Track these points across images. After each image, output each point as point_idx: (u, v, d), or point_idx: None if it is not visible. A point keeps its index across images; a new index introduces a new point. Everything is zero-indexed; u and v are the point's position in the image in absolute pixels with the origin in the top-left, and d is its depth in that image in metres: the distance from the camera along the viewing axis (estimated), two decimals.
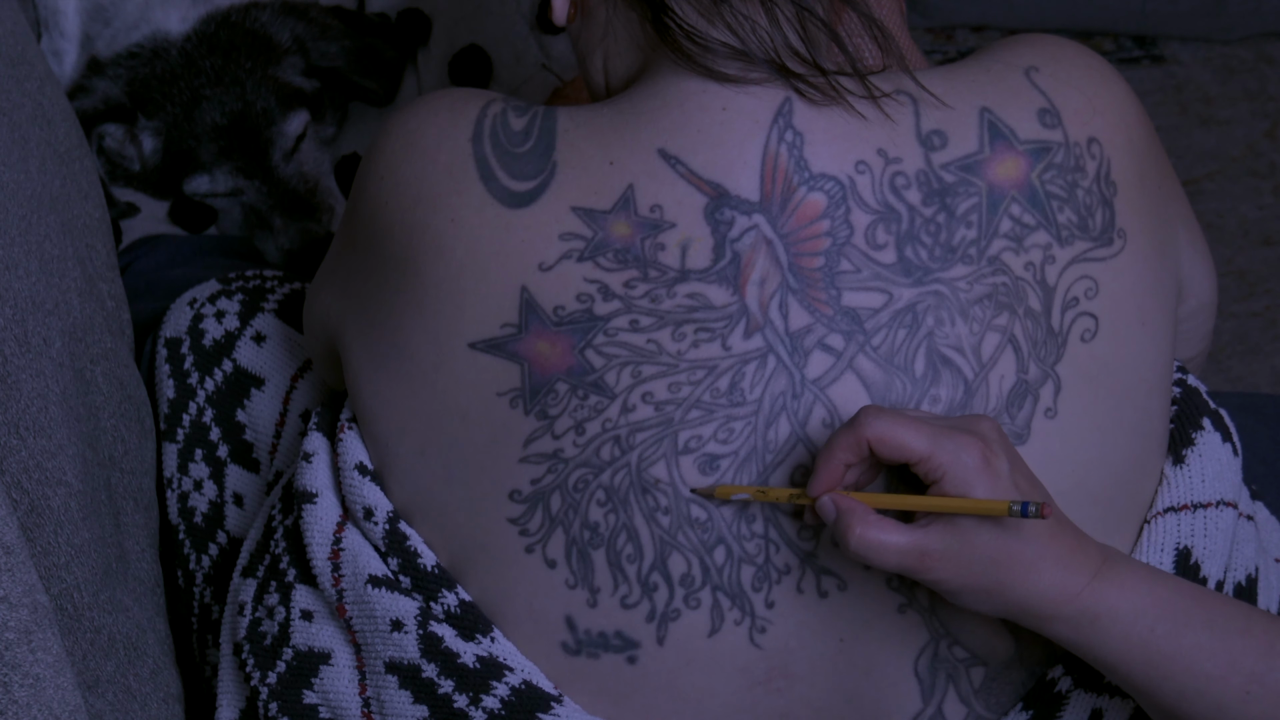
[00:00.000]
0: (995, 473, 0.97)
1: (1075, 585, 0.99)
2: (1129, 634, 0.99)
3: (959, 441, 0.96)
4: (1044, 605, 0.99)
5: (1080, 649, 1.01)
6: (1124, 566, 1.01)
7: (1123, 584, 1.00)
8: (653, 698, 1.05)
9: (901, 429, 0.97)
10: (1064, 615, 0.99)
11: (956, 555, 0.97)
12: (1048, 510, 0.94)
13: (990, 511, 0.95)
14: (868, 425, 0.97)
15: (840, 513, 0.98)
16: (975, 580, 0.98)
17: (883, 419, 0.97)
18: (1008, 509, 0.95)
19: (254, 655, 1.15)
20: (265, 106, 1.66)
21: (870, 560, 0.97)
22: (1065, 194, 1.06)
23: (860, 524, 0.97)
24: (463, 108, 1.07)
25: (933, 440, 0.96)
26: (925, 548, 0.97)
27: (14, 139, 1.25)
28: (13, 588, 0.96)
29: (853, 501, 0.98)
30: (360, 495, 1.11)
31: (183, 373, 1.37)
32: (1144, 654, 0.99)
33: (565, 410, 1.03)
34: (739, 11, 1.04)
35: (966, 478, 0.96)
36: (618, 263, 1.03)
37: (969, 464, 0.96)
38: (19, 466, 1.11)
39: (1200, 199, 2.27)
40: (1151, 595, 1.00)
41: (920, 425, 0.97)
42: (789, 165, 1.04)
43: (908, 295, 1.04)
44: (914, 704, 1.06)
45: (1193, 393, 1.16)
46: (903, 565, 0.97)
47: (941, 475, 0.96)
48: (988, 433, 0.98)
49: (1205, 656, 0.99)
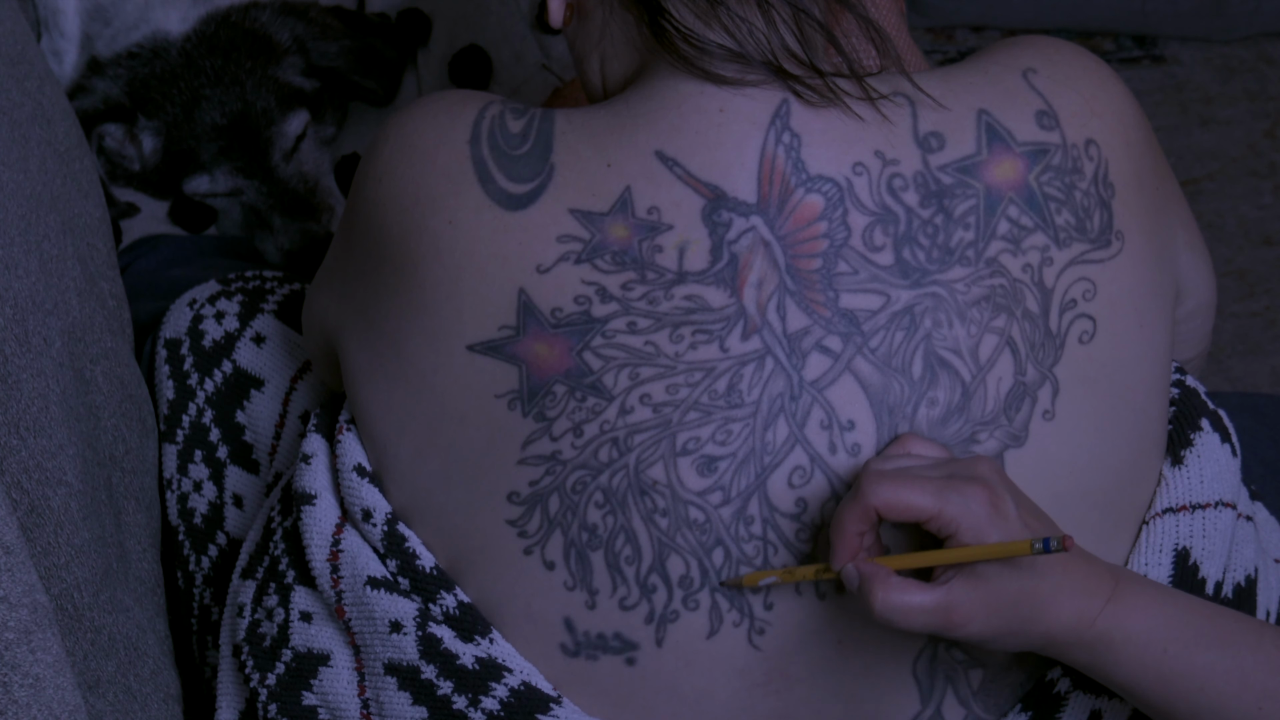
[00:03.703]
0: (1005, 516, 0.97)
1: (1091, 611, 0.99)
2: (1143, 656, 1.00)
3: (965, 493, 0.97)
4: (1065, 635, 0.99)
5: (1096, 672, 1.01)
6: (1136, 588, 1.01)
7: (1135, 606, 1.00)
8: (652, 699, 1.05)
9: (906, 491, 0.97)
10: (1083, 642, 1.00)
11: (981, 604, 0.97)
12: (1069, 543, 0.94)
13: (1013, 553, 0.95)
14: (872, 493, 0.97)
15: (863, 579, 0.98)
16: (1002, 624, 0.98)
17: (885, 484, 0.97)
18: (1030, 548, 0.95)
19: (253, 656, 1.15)
20: (265, 106, 1.66)
21: (898, 623, 0.97)
22: (1063, 196, 1.06)
23: (883, 588, 0.97)
24: (460, 110, 1.07)
25: (939, 497, 0.96)
26: (950, 603, 0.97)
27: (14, 138, 1.25)
28: (13, 588, 0.96)
29: (874, 566, 0.98)
30: (359, 497, 1.11)
31: (182, 373, 1.37)
32: (1158, 674, 1.00)
33: (563, 412, 1.03)
34: (735, 14, 1.04)
35: (979, 526, 0.96)
36: (615, 265, 1.03)
37: (979, 513, 0.96)
38: (19, 466, 1.11)
39: (1200, 199, 2.27)
40: (1163, 616, 1.00)
41: (924, 484, 0.97)
42: (786, 167, 1.04)
43: (905, 297, 1.04)
44: (912, 706, 1.06)
45: (1191, 393, 1.16)
46: (930, 624, 0.97)
47: (955, 530, 0.96)
48: (989, 476, 0.98)
49: (1218, 675, 1.00)
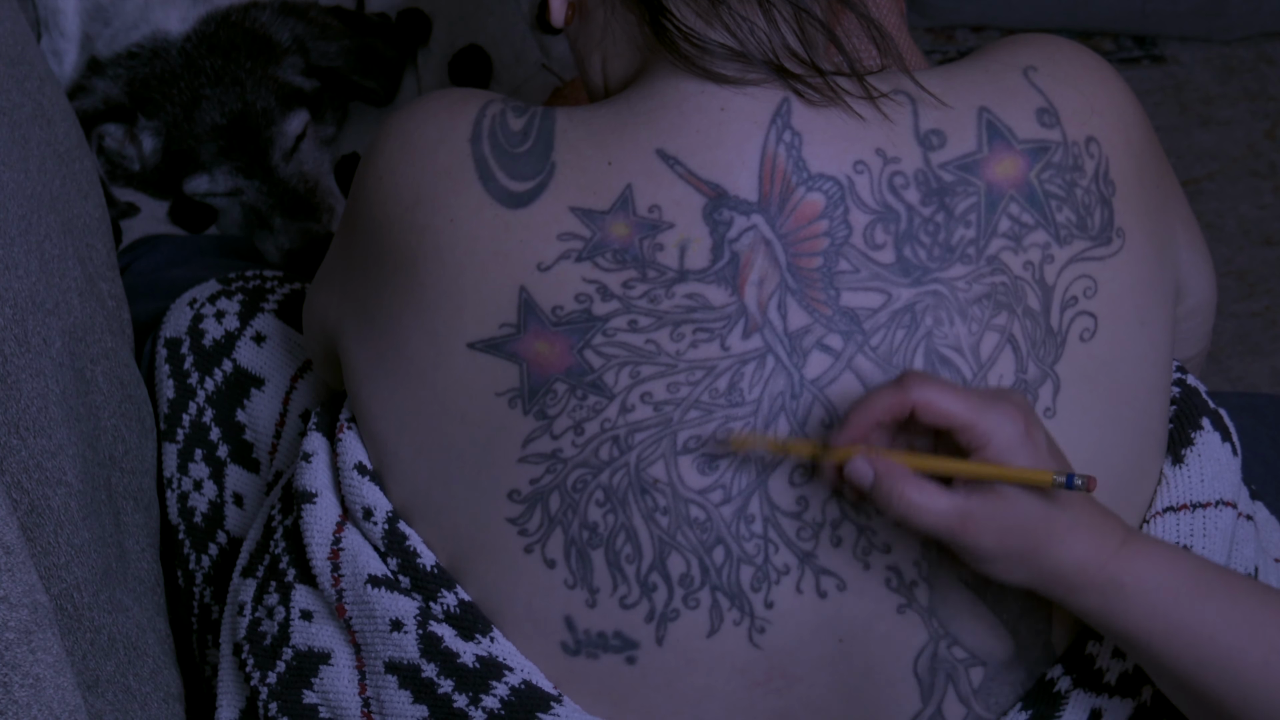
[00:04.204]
0: (1036, 444, 0.98)
1: (1104, 553, 1.00)
2: (1154, 603, 1.00)
3: (1002, 411, 0.97)
4: (1074, 573, 1.00)
5: (1104, 619, 1.01)
6: (1146, 539, 1.02)
7: (1147, 554, 1.01)
8: (652, 698, 1.05)
9: (947, 396, 0.97)
10: (1093, 584, 1.00)
11: (997, 521, 0.97)
12: (1093, 483, 0.96)
13: (1034, 482, 0.97)
14: (914, 389, 0.97)
15: (879, 474, 0.98)
16: (1011, 547, 0.98)
17: (929, 385, 0.98)
18: (1051, 480, 0.96)
19: (254, 655, 1.15)
20: (265, 106, 1.66)
21: (910, 521, 0.98)
22: (1064, 193, 1.06)
23: (903, 483, 0.97)
24: (461, 108, 1.07)
25: (977, 409, 0.97)
26: (968, 511, 0.97)
27: (14, 139, 1.25)
28: (13, 588, 0.96)
29: (891, 463, 0.98)
30: (359, 495, 1.11)
31: (183, 373, 1.37)
32: (1166, 624, 1.00)
33: (564, 410, 1.03)
34: (736, 13, 1.04)
35: (1010, 446, 0.97)
36: (616, 263, 1.03)
37: (1012, 434, 0.97)
38: (19, 466, 1.11)
39: (1200, 199, 2.27)
40: (1174, 566, 1.01)
41: (964, 393, 0.98)
42: (787, 165, 1.04)
43: (906, 295, 1.04)
44: (913, 704, 1.06)
45: (1192, 392, 1.16)
46: (942, 527, 0.98)
47: (985, 443, 0.97)
48: (1024, 405, 0.99)
49: (1227, 626, 1.00)
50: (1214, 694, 1.00)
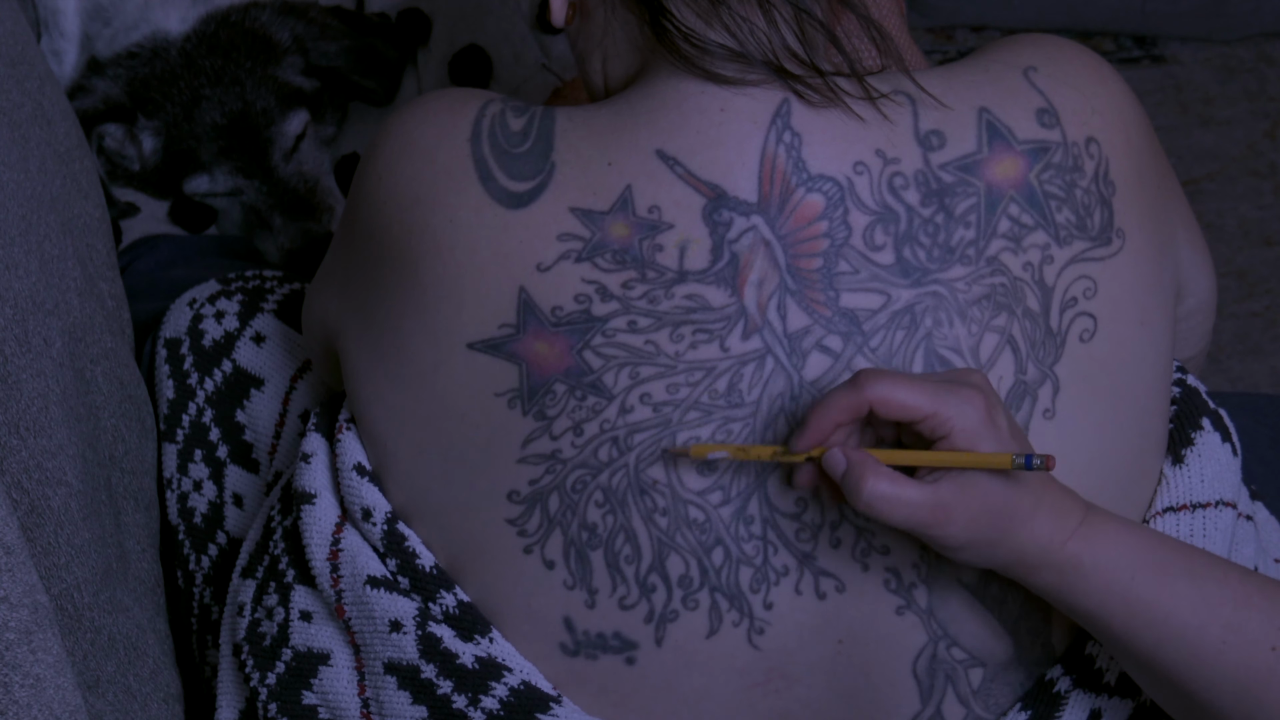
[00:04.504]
0: (997, 426, 0.98)
1: (1063, 534, 1.00)
2: (1110, 581, 1.00)
3: (962, 396, 0.97)
4: (1036, 554, 1.00)
5: (1063, 598, 1.01)
6: (1106, 516, 1.02)
7: (1105, 532, 1.01)
8: (651, 699, 1.05)
9: (904, 389, 0.97)
10: (1052, 563, 1.00)
11: (966, 508, 0.97)
12: (1051, 462, 0.96)
13: (994, 465, 0.97)
14: (870, 386, 0.97)
15: (851, 465, 0.98)
16: (980, 532, 0.98)
17: (884, 380, 0.97)
18: (1010, 462, 0.96)
19: (253, 656, 1.15)
20: (265, 106, 1.66)
21: (881, 514, 0.97)
22: (1064, 194, 1.06)
23: (873, 476, 0.97)
24: (461, 108, 1.07)
25: (936, 398, 0.97)
26: (938, 500, 0.97)
27: (14, 139, 1.25)
28: (13, 588, 0.96)
29: (863, 454, 0.98)
30: (359, 496, 1.11)
31: (182, 373, 1.37)
32: (1124, 602, 1.00)
33: (563, 411, 1.03)
34: (736, 13, 1.04)
35: (972, 431, 0.97)
36: (616, 263, 1.03)
37: (974, 418, 0.97)
38: (19, 466, 1.11)
39: (1200, 199, 2.27)
40: (1132, 543, 1.01)
41: (921, 384, 0.98)
42: (787, 166, 1.04)
43: (906, 296, 1.04)
44: (912, 705, 1.06)
45: (1192, 393, 1.16)
46: (914, 519, 0.97)
47: (948, 431, 0.97)
48: (984, 387, 0.99)
49: (1184, 605, 1.00)
50: (1174, 674, 1.00)
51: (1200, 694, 1.00)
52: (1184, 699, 1.01)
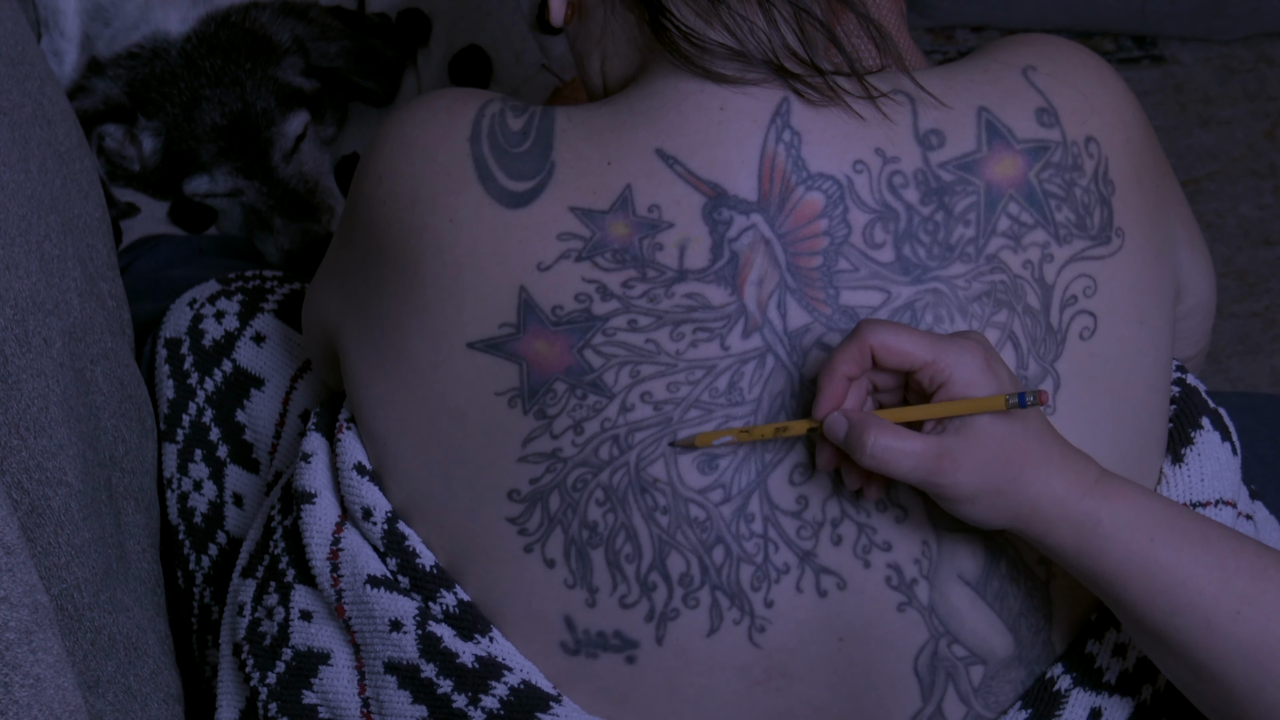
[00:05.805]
0: (997, 375, 0.98)
1: (1081, 487, 0.99)
2: (1130, 542, 1.00)
3: (961, 345, 0.98)
4: (1052, 506, 0.99)
5: (1080, 560, 1.01)
6: (1121, 480, 1.02)
7: (1123, 493, 1.00)
8: (652, 697, 1.05)
9: (904, 337, 0.98)
10: (1070, 518, 0.99)
11: (972, 455, 0.98)
12: (1044, 397, 0.96)
13: (990, 408, 0.97)
14: (870, 334, 0.98)
15: (852, 424, 0.98)
16: (990, 480, 0.98)
17: (885, 327, 0.98)
18: (1005, 403, 0.97)
19: (253, 655, 1.15)
20: (265, 107, 1.66)
21: (887, 468, 0.97)
22: (1063, 193, 1.06)
23: (875, 431, 0.97)
24: (461, 108, 1.07)
25: (935, 347, 0.98)
26: (942, 449, 0.97)
27: (14, 139, 1.25)
28: (13, 588, 0.96)
29: (865, 413, 0.99)
30: (359, 495, 1.11)
31: (182, 373, 1.37)
32: (1142, 565, 1.00)
33: (564, 410, 1.03)
34: (736, 13, 1.04)
35: (972, 379, 0.97)
36: (616, 263, 1.03)
37: (973, 366, 0.98)
38: (19, 466, 1.11)
39: (1200, 199, 2.27)
40: (1150, 507, 1.01)
41: (921, 333, 0.98)
42: (787, 165, 1.04)
43: (906, 293, 1.04)
44: (913, 703, 1.06)
45: (1192, 392, 1.16)
46: (920, 468, 0.98)
47: (947, 379, 0.98)
48: (983, 341, 0.99)
49: (1201, 571, 1.00)
50: (1186, 643, 1.00)
51: (1211, 665, 1.00)
52: (1194, 671, 1.01)
